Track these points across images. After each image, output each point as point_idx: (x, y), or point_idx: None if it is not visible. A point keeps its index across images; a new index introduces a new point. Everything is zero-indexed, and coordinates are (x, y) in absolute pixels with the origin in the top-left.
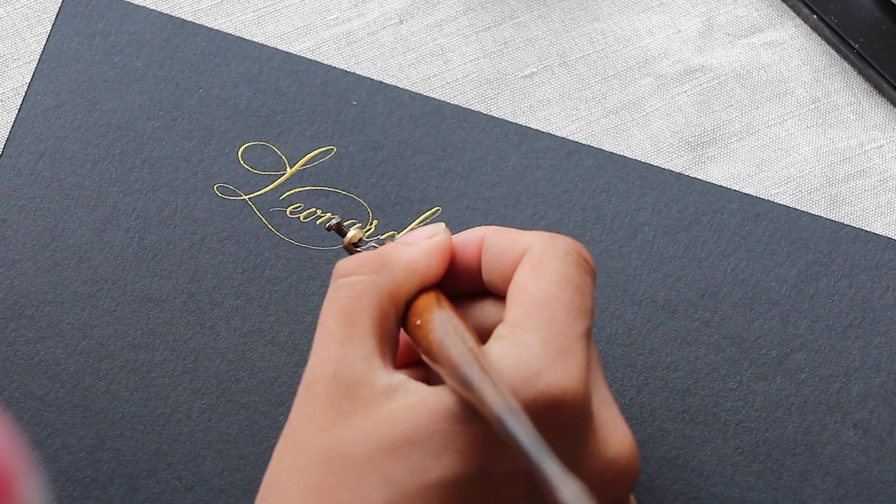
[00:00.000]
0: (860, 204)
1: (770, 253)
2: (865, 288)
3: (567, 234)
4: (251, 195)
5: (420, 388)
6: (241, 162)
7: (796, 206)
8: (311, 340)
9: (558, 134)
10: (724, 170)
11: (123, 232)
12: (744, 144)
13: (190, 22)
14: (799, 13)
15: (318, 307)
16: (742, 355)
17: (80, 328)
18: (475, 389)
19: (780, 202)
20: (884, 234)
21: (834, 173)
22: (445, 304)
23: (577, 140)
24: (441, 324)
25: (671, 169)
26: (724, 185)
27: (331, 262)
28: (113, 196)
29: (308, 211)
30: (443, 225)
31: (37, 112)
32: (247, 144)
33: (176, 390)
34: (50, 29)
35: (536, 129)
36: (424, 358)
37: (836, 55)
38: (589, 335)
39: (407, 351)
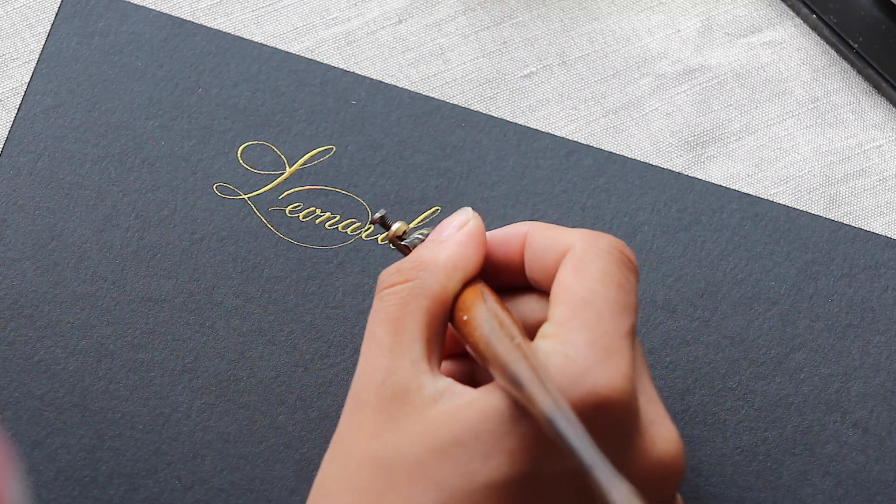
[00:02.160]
0: (859, 203)
1: (769, 252)
2: (865, 287)
3: None
4: (250, 194)
5: (467, 391)
6: (241, 161)
7: (795, 206)
8: (310, 340)
9: (557, 133)
10: (723, 169)
11: (123, 231)
12: (743, 144)
13: (189, 21)
14: (798, 13)
15: (318, 306)
16: (741, 355)
17: (80, 327)
18: (524, 388)
19: (780, 202)
20: (883, 233)
21: (833, 173)
22: (490, 296)
23: (576, 140)
24: (487, 319)
25: (670, 168)
26: (724, 185)
27: (330, 261)
28: (112, 195)
29: (307, 210)
30: (469, 210)
31: (36, 112)
32: (246, 144)
33: (175, 389)
34: (49, 28)
35: (536, 129)
36: (472, 353)
37: (836, 55)
38: (633, 333)
39: (452, 343)
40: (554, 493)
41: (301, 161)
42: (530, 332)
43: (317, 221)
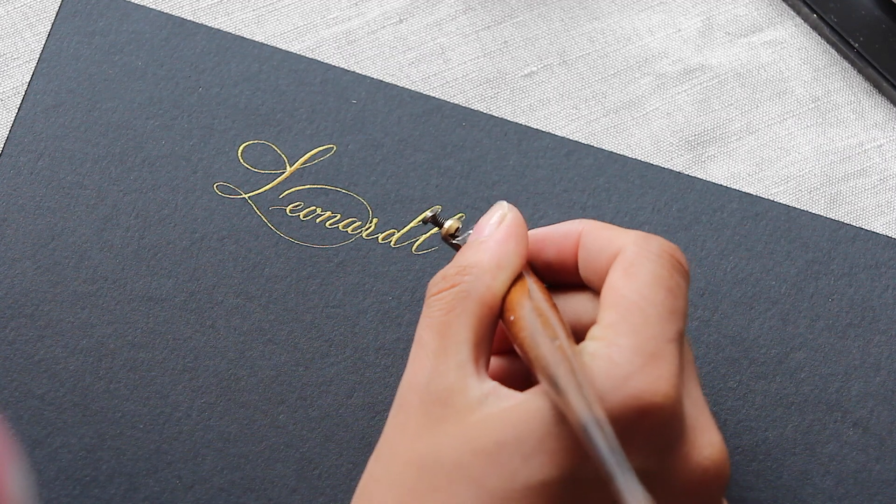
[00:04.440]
0: (860, 203)
1: (770, 252)
2: (865, 287)
3: None
4: (251, 194)
5: (512, 395)
6: (241, 160)
7: (796, 205)
8: (310, 339)
9: (558, 133)
10: (723, 169)
11: (123, 231)
12: (743, 143)
13: (190, 21)
14: (799, 12)
15: (318, 305)
16: (742, 354)
17: (80, 327)
18: (561, 391)
19: (780, 201)
20: (883, 232)
21: (833, 172)
22: (538, 293)
23: (576, 139)
24: (531, 319)
25: (671, 168)
26: (724, 185)
27: (330, 261)
28: (113, 195)
29: (308, 209)
30: (505, 203)
31: (37, 111)
32: (246, 143)
33: (176, 389)
34: (50, 28)
35: (536, 129)
36: (519, 353)
37: (836, 54)
38: (681, 338)
39: (500, 339)
40: (595, 497)
41: (301, 160)
42: (583, 331)
43: (317, 220)
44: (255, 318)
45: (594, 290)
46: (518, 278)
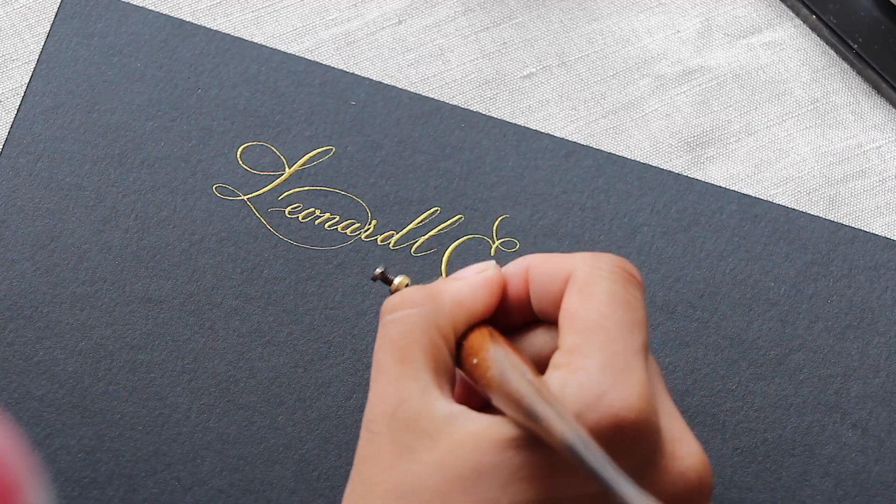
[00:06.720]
0: (859, 204)
1: (769, 253)
2: (864, 288)
3: (565, 234)
4: (250, 195)
5: (480, 417)
6: (240, 162)
7: (795, 207)
8: (309, 340)
9: (557, 134)
10: (722, 170)
11: (122, 232)
12: (742, 145)
13: (189, 22)
14: (798, 13)
15: (317, 307)
16: (741, 356)
17: (79, 328)
18: (541, 421)
19: (779, 202)
20: (882, 234)
21: (833, 174)
22: (500, 339)
23: (575, 140)
24: (498, 359)
25: (670, 169)
26: (723, 186)
27: (329, 262)
28: (112, 196)
29: (307, 211)
30: (493, 262)
31: (35, 112)
32: (245, 144)
33: (175, 391)
34: (49, 29)
35: (535, 130)
36: (484, 394)
37: (835, 55)
38: (646, 350)
39: (464, 392)
40: None
41: (300, 162)
42: (544, 364)
43: (316, 222)
44: (254, 320)
45: (550, 321)
46: (477, 327)
